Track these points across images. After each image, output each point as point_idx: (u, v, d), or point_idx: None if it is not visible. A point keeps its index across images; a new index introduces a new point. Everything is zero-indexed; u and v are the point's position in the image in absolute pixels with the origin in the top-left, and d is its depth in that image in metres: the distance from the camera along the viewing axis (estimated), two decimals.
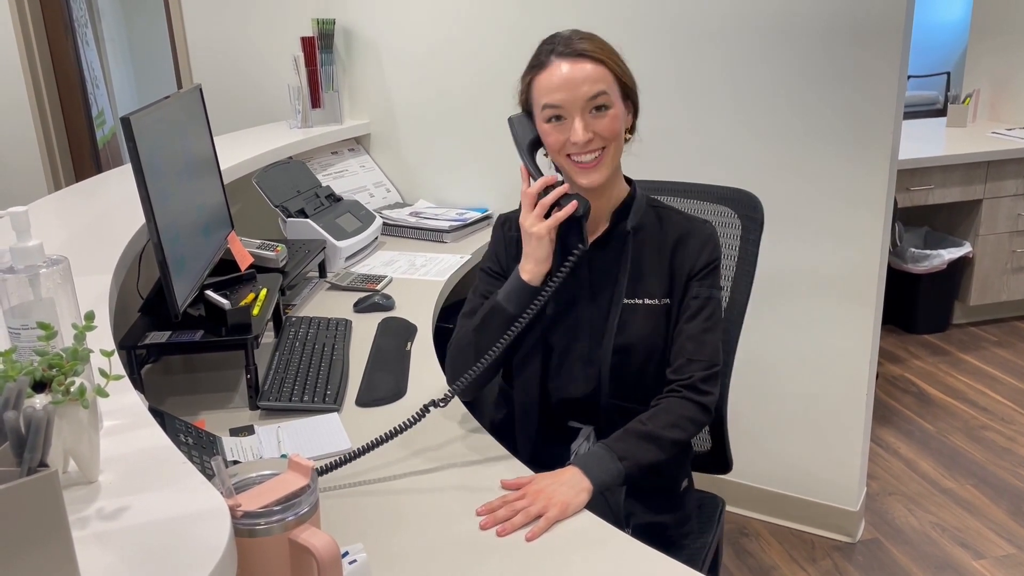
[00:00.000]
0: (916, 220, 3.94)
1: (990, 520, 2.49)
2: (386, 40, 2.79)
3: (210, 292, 1.60)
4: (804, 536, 2.45)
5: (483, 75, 2.60)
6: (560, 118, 1.30)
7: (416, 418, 1.28)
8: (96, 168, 4.02)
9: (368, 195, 2.80)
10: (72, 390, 0.85)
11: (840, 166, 2.18)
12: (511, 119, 1.39)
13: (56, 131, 3.80)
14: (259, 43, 3.15)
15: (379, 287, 2.13)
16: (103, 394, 0.89)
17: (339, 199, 2.54)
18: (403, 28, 2.73)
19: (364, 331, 1.85)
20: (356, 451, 1.26)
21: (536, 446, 1.44)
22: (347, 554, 0.99)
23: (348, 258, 2.35)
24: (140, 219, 1.58)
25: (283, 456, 1.11)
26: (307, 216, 2.33)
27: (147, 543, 0.78)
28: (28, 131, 3.74)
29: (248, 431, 1.45)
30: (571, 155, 1.32)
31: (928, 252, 3.67)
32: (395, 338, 1.81)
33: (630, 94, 1.35)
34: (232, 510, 0.85)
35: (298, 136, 2.71)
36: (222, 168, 1.94)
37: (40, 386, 0.86)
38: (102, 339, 1.20)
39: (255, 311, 1.64)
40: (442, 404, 1.31)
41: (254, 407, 1.53)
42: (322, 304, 2.07)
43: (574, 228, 1.35)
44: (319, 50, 2.82)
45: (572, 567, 1.07)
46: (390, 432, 1.27)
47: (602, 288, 1.40)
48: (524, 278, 1.34)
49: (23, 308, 0.99)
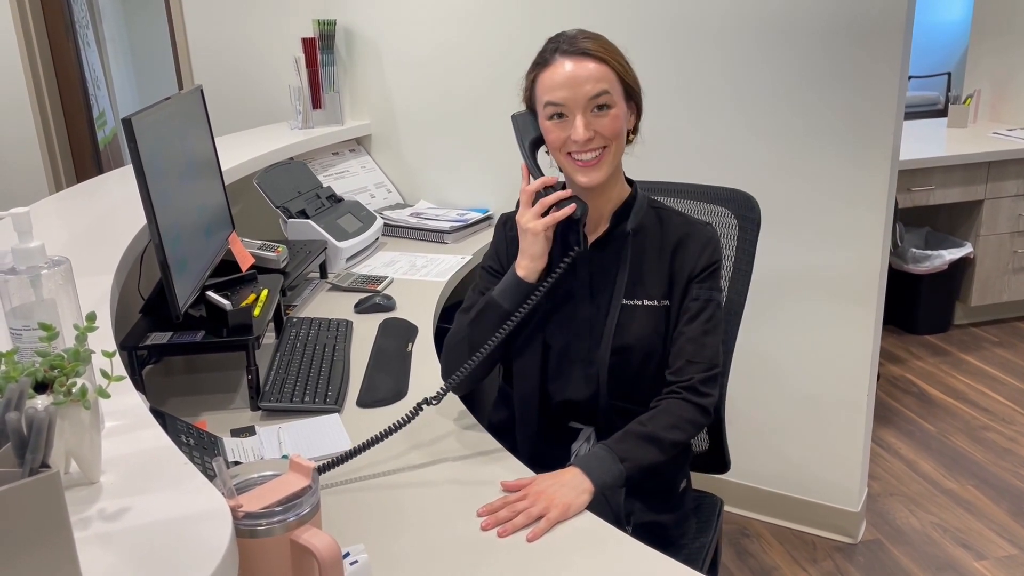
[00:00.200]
0: (917, 220, 3.93)
1: (991, 521, 2.49)
2: (387, 41, 2.79)
3: (211, 293, 1.60)
4: (805, 537, 2.45)
5: (484, 76, 2.60)
6: (562, 116, 1.31)
7: (410, 416, 1.29)
8: (97, 169, 4.03)
9: (369, 196, 2.80)
10: (74, 391, 0.85)
11: (841, 166, 2.18)
12: (514, 116, 1.39)
13: (57, 132, 3.80)
14: (260, 44, 3.15)
15: (380, 288, 2.14)
16: (105, 395, 0.89)
17: (340, 200, 2.55)
18: (404, 29, 2.73)
19: (365, 332, 1.85)
20: (350, 451, 1.26)
21: (536, 447, 1.44)
22: (348, 555, 0.99)
23: (349, 259, 2.35)
24: (141, 220, 1.58)
25: (284, 457, 1.11)
26: (308, 217, 2.33)
27: (148, 544, 0.78)
28: (29, 132, 3.74)
29: (249, 432, 1.45)
30: (571, 153, 1.32)
31: (929, 253, 3.67)
32: (396, 339, 1.81)
33: (633, 95, 1.35)
34: (233, 511, 0.85)
35: (299, 137, 2.71)
36: (223, 169, 1.94)
37: (42, 387, 0.86)
38: (103, 340, 1.20)
39: (256, 312, 1.64)
40: (435, 402, 1.31)
41: (255, 408, 1.53)
42: (323, 305, 2.07)
43: (574, 228, 1.35)
44: (320, 51, 2.82)
45: (573, 567, 1.07)
46: (385, 431, 1.27)
47: (601, 289, 1.40)
48: (519, 274, 1.35)
49: (25, 309, 1.00)
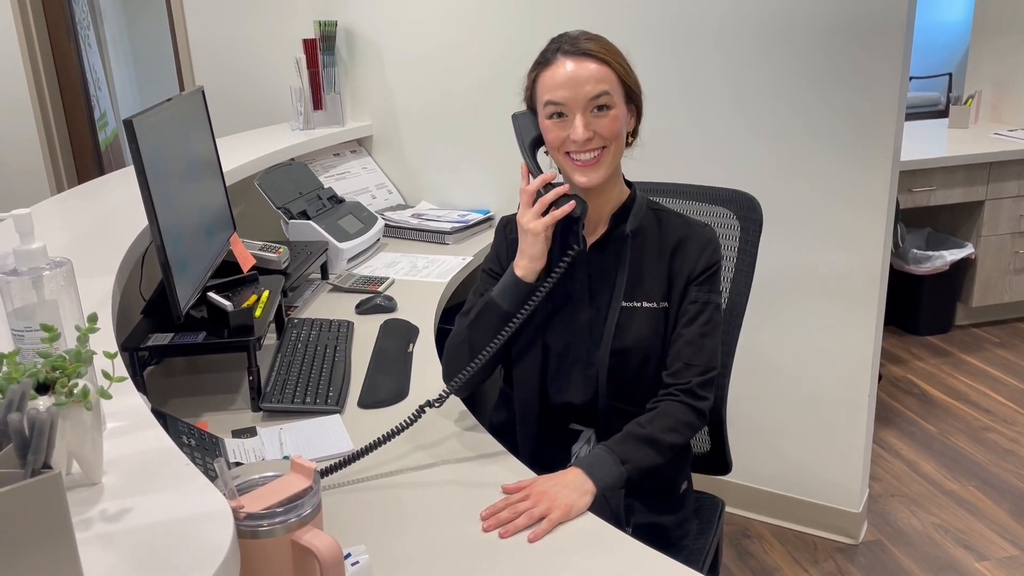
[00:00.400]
0: (918, 221, 3.93)
1: (993, 522, 2.48)
2: (388, 42, 2.79)
3: (212, 294, 1.60)
4: (806, 538, 2.45)
5: (485, 77, 2.61)
6: (562, 115, 1.31)
7: (413, 418, 1.29)
8: (98, 170, 4.03)
9: (370, 197, 2.80)
10: (75, 392, 0.85)
11: (842, 167, 2.18)
12: (515, 115, 1.40)
13: (58, 133, 3.80)
14: (261, 45, 3.15)
15: (381, 289, 2.14)
16: (106, 396, 0.89)
17: (341, 201, 2.55)
18: (405, 30, 2.74)
19: (366, 333, 1.85)
20: (354, 453, 1.27)
21: (536, 448, 1.44)
22: (349, 555, 0.99)
23: (350, 260, 2.35)
24: (142, 221, 1.58)
25: (285, 458, 1.11)
26: (309, 218, 2.34)
27: (150, 545, 0.78)
28: (31, 133, 3.75)
29: (250, 433, 1.45)
30: (570, 153, 1.32)
31: (930, 253, 3.67)
32: (397, 340, 1.81)
33: (634, 98, 1.35)
34: (235, 512, 0.85)
35: (300, 138, 2.71)
36: (224, 170, 1.94)
37: (43, 388, 0.86)
38: (105, 341, 1.20)
39: (257, 313, 1.64)
40: (437, 404, 1.31)
41: (256, 409, 1.53)
42: (324, 306, 2.07)
43: (572, 229, 1.35)
44: (321, 52, 2.83)
45: (574, 568, 1.07)
46: (387, 434, 1.27)
47: (600, 290, 1.40)
48: (518, 274, 1.35)
49: (26, 310, 1.00)
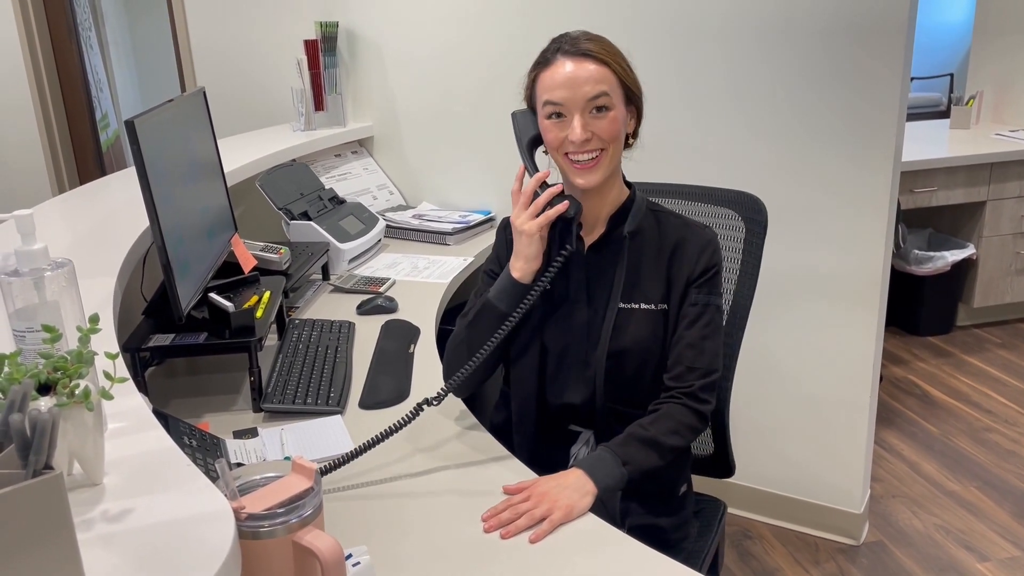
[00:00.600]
0: (919, 222, 3.93)
1: (994, 522, 2.48)
2: (389, 43, 2.79)
3: (214, 295, 1.61)
4: (808, 538, 2.45)
5: (486, 77, 2.61)
6: (561, 115, 1.31)
7: (411, 416, 1.29)
8: (100, 171, 4.03)
9: (371, 197, 2.80)
10: (77, 393, 0.85)
11: (843, 168, 2.18)
12: (514, 114, 1.40)
13: (60, 134, 3.81)
14: (262, 46, 3.15)
15: (382, 289, 2.14)
16: (108, 396, 0.89)
17: (342, 201, 2.55)
18: (406, 31, 2.74)
19: (367, 333, 1.86)
20: (351, 452, 1.26)
21: (535, 449, 1.44)
22: (351, 556, 0.99)
23: (351, 260, 2.35)
24: (144, 222, 1.58)
25: (287, 458, 1.11)
26: (310, 218, 2.34)
27: (151, 545, 0.78)
28: (32, 134, 3.75)
29: (252, 433, 1.45)
30: (568, 154, 1.32)
31: (932, 254, 3.67)
32: (398, 340, 1.81)
33: (634, 99, 1.35)
34: (236, 512, 0.85)
35: (301, 139, 2.71)
36: (226, 171, 1.94)
37: (45, 389, 0.86)
38: (106, 342, 1.20)
39: (258, 313, 1.64)
40: (435, 402, 1.30)
41: (258, 409, 1.53)
42: (325, 306, 2.07)
43: (570, 229, 1.35)
44: (322, 53, 2.83)
45: (575, 568, 1.07)
46: (385, 431, 1.27)
47: (598, 291, 1.40)
48: (514, 276, 1.34)
49: (28, 311, 1.00)
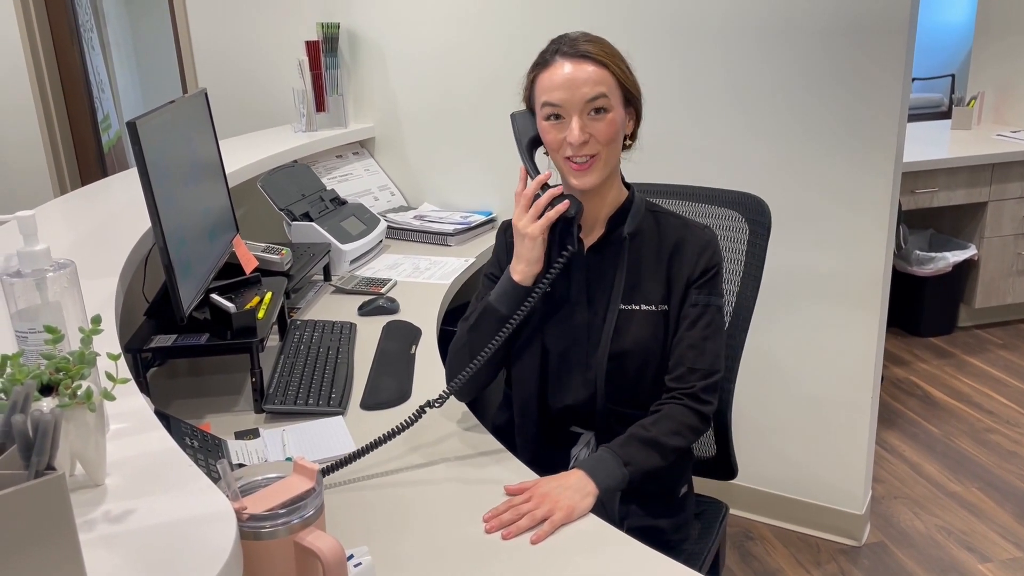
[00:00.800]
0: (921, 223, 3.93)
1: (996, 523, 2.48)
2: (390, 44, 2.80)
3: (215, 295, 1.61)
4: (809, 539, 2.45)
5: (487, 78, 2.61)
6: (559, 117, 1.30)
7: (413, 419, 1.29)
8: (101, 172, 4.04)
9: (372, 198, 2.80)
10: (79, 393, 0.85)
11: (844, 169, 2.18)
12: (513, 115, 1.40)
13: (62, 135, 3.81)
14: (264, 47, 3.16)
15: (383, 290, 2.14)
16: (110, 397, 0.89)
17: (344, 202, 2.55)
18: (407, 32, 2.74)
19: (369, 334, 1.86)
20: (353, 453, 1.27)
21: (536, 451, 1.44)
22: (352, 557, 0.99)
23: (353, 261, 2.35)
24: (145, 223, 1.58)
25: (288, 459, 1.11)
26: (312, 219, 2.34)
27: (153, 546, 0.78)
28: (34, 135, 3.76)
29: (253, 434, 1.45)
30: (567, 156, 1.32)
31: (933, 255, 3.67)
32: (399, 341, 1.81)
33: (633, 101, 1.35)
34: (238, 513, 0.85)
35: (303, 140, 2.72)
36: (227, 172, 1.94)
37: (47, 389, 0.86)
38: (108, 342, 1.20)
39: (260, 314, 1.64)
40: (438, 404, 1.31)
41: (259, 410, 1.53)
42: (327, 307, 2.07)
43: (569, 231, 1.35)
44: (324, 54, 2.83)
45: (576, 569, 1.07)
46: (387, 434, 1.27)
47: (599, 293, 1.40)
48: (515, 279, 1.34)
49: (30, 312, 1.00)
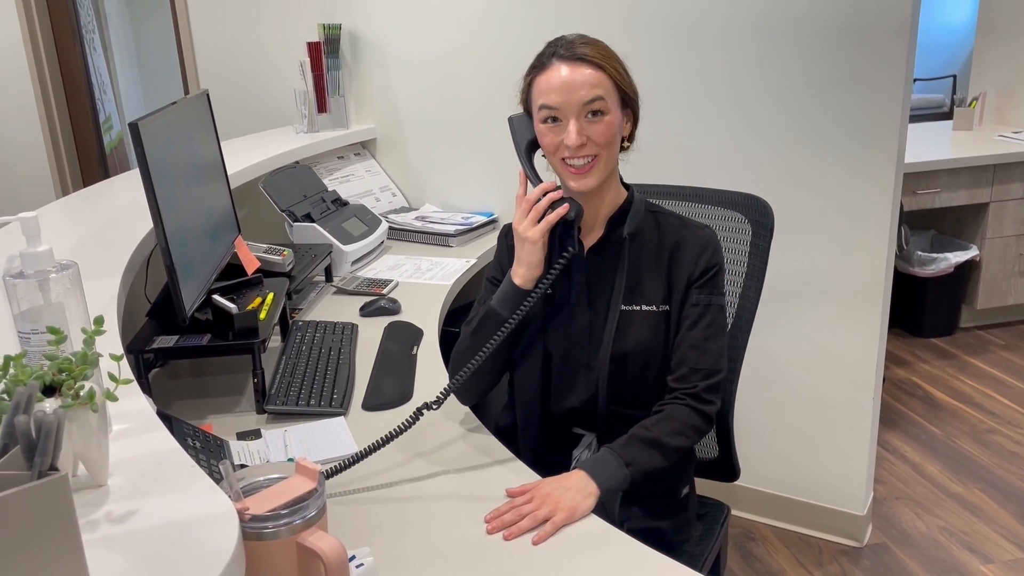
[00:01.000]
0: (922, 223, 3.93)
1: (998, 524, 2.48)
2: (392, 45, 2.80)
3: (217, 296, 1.61)
4: (811, 540, 2.45)
5: (489, 79, 2.61)
6: (556, 120, 1.30)
7: (411, 420, 1.29)
8: (103, 173, 4.04)
9: (374, 199, 2.80)
10: (82, 394, 0.85)
11: (846, 169, 2.18)
12: (511, 118, 1.40)
13: (64, 136, 3.82)
14: (265, 48, 3.16)
15: (385, 291, 2.14)
16: (112, 398, 0.89)
17: (345, 203, 2.55)
18: (409, 33, 2.74)
19: (370, 335, 1.86)
20: (353, 457, 1.26)
21: (538, 452, 1.44)
22: (354, 558, 1.00)
23: (354, 262, 2.35)
24: (148, 224, 1.59)
25: (290, 460, 1.11)
26: (313, 220, 2.34)
27: (155, 546, 0.78)
28: (36, 136, 3.76)
29: (255, 435, 1.45)
30: (564, 158, 1.32)
31: (935, 255, 3.67)
32: (401, 342, 1.81)
33: (630, 103, 1.34)
34: (240, 513, 0.86)
35: (304, 141, 2.72)
36: (229, 173, 1.95)
37: (50, 390, 0.86)
38: (111, 343, 1.21)
39: (262, 315, 1.64)
40: (435, 406, 1.30)
41: (261, 411, 1.53)
42: (328, 308, 2.07)
43: (569, 233, 1.35)
44: (325, 55, 2.83)
45: (577, 570, 1.07)
46: (386, 436, 1.27)
47: (599, 295, 1.39)
48: (516, 282, 1.34)
49: (33, 313, 1.00)
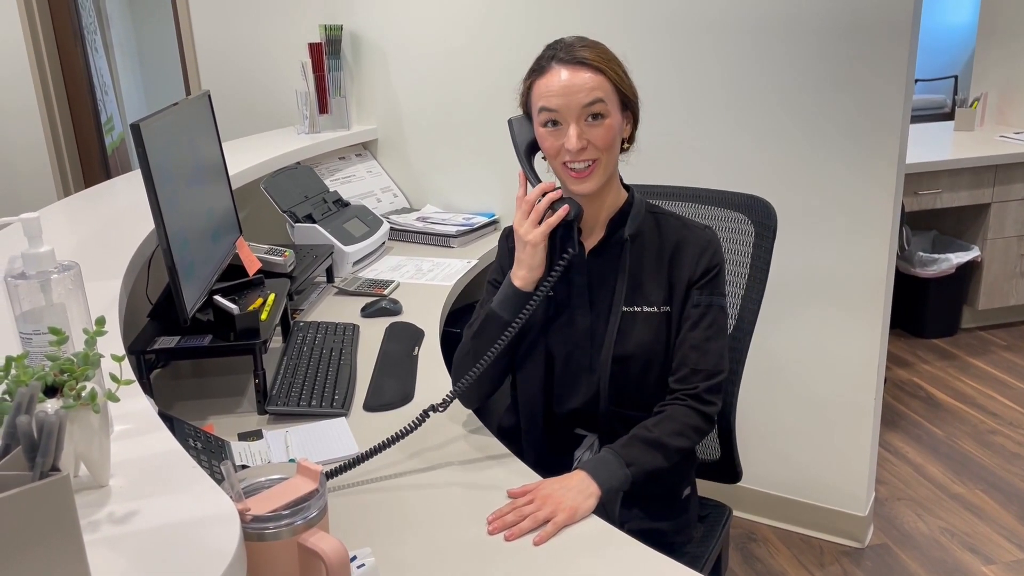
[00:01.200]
0: (924, 224, 3.93)
1: (999, 525, 2.48)
2: (393, 46, 2.80)
3: (219, 297, 1.61)
4: (812, 541, 2.44)
5: (490, 80, 2.61)
6: (556, 124, 1.30)
7: (417, 423, 1.29)
8: (105, 174, 4.05)
9: (375, 200, 2.81)
10: (83, 395, 0.85)
11: (847, 170, 2.17)
12: (511, 120, 1.40)
13: (65, 137, 3.82)
14: (267, 49, 3.16)
15: (386, 292, 2.14)
16: (114, 399, 0.90)
17: (347, 204, 2.55)
18: (410, 34, 2.74)
19: (372, 336, 1.86)
20: (358, 457, 1.27)
21: (541, 453, 1.44)
22: (355, 558, 1.00)
23: (356, 263, 2.35)
24: (149, 225, 1.58)
25: (291, 460, 1.11)
26: (315, 221, 2.34)
27: (157, 547, 0.78)
28: (38, 137, 3.76)
29: (256, 436, 1.45)
30: (565, 162, 1.32)
31: (936, 256, 3.66)
32: (402, 343, 1.81)
33: (630, 105, 1.34)
34: (241, 514, 0.86)
35: (306, 142, 2.72)
36: (230, 174, 1.95)
37: (52, 391, 0.86)
38: (112, 344, 1.21)
39: (263, 316, 1.65)
40: (441, 408, 1.31)
41: (262, 412, 1.53)
42: (330, 309, 2.08)
43: (570, 236, 1.35)
44: (327, 56, 2.83)
45: (579, 570, 1.07)
46: (391, 437, 1.27)
47: (600, 297, 1.39)
48: (516, 284, 1.34)
49: (35, 313, 1.00)
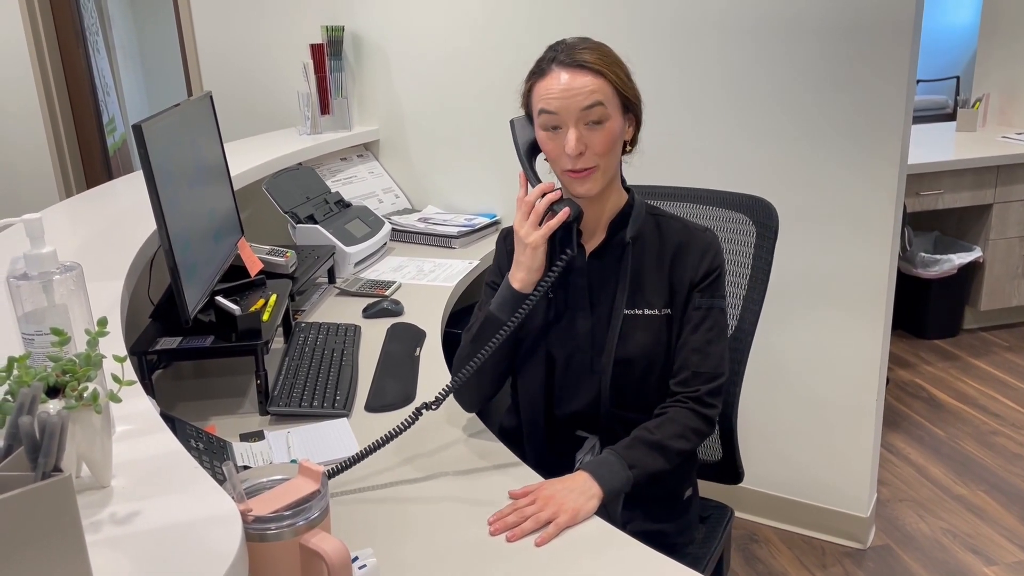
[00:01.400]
0: (926, 225, 3.92)
1: (1001, 526, 2.47)
2: (395, 47, 2.80)
3: (220, 298, 1.61)
4: (814, 542, 2.44)
5: (491, 81, 2.61)
6: (556, 127, 1.29)
7: (410, 420, 1.28)
8: (107, 175, 4.05)
9: (377, 201, 2.81)
10: (85, 395, 0.85)
11: (849, 171, 2.17)
12: (513, 121, 1.39)
13: (67, 138, 3.82)
14: (269, 50, 3.16)
15: (388, 293, 2.14)
16: (116, 399, 0.90)
17: (348, 205, 2.55)
18: (412, 35, 2.74)
19: (373, 336, 1.86)
20: (354, 457, 1.26)
21: (542, 455, 1.44)
22: (357, 559, 1.00)
23: (357, 264, 2.35)
24: (151, 225, 1.59)
25: (293, 461, 1.11)
26: (316, 222, 2.34)
27: (159, 548, 0.78)
28: (39, 138, 3.77)
29: (258, 436, 1.45)
30: (565, 166, 1.31)
31: (938, 257, 3.66)
32: (404, 343, 1.81)
33: (631, 107, 1.33)
34: (243, 515, 0.86)
35: (307, 142, 2.72)
36: (232, 174, 1.95)
37: (54, 391, 0.86)
38: (114, 345, 1.21)
39: (265, 317, 1.65)
40: (434, 406, 1.30)
41: (264, 412, 1.54)
42: (331, 310, 2.08)
43: (570, 238, 1.34)
44: (328, 57, 2.84)
45: (581, 572, 1.07)
46: (385, 436, 1.26)
47: (601, 299, 1.39)
48: (515, 286, 1.33)
49: (37, 314, 1.00)
